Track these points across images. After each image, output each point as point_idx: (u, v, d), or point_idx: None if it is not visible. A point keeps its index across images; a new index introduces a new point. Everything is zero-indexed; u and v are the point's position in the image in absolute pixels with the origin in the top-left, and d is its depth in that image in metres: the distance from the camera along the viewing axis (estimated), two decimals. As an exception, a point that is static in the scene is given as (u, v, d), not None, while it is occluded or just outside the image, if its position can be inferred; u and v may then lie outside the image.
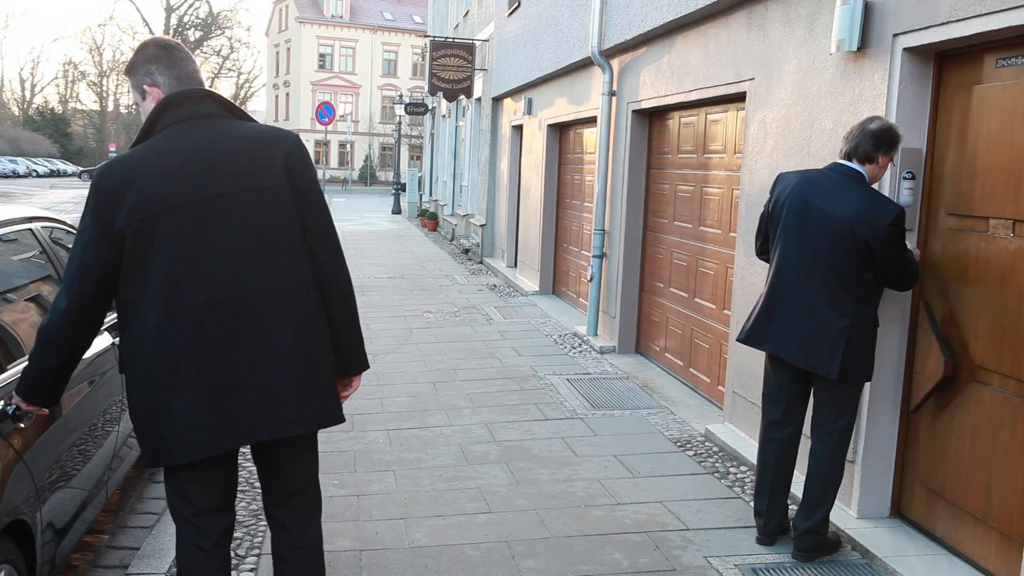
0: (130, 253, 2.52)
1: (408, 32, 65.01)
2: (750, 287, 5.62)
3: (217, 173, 2.56)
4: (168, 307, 2.52)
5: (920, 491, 4.30)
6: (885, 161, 3.93)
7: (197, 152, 2.57)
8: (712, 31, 6.38)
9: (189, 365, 2.54)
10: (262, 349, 2.58)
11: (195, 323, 2.53)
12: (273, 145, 2.66)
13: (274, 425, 2.62)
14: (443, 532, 4.30)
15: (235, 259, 2.56)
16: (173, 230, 2.51)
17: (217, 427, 2.58)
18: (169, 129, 2.61)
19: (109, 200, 2.51)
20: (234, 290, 2.56)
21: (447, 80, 16.64)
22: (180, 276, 2.52)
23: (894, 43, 4.21)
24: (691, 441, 5.81)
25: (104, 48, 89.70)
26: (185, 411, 2.55)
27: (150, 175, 2.52)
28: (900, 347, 4.33)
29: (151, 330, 2.54)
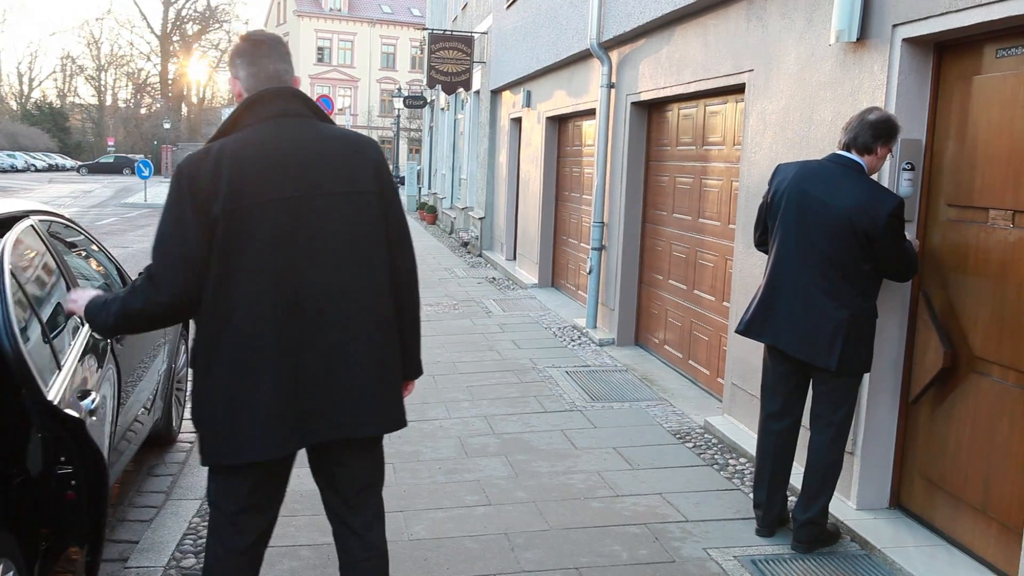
0: (219, 243, 2.49)
1: (406, 25, 64.93)
2: (749, 279, 5.62)
3: (315, 172, 2.58)
4: (257, 301, 2.52)
5: (919, 482, 4.30)
6: (884, 152, 3.92)
7: (295, 149, 2.58)
8: (711, 22, 6.37)
9: (274, 360, 2.53)
10: (345, 349, 2.60)
11: (283, 319, 2.54)
12: (364, 151, 2.70)
13: (352, 424, 2.64)
14: (442, 524, 4.31)
15: (325, 259, 2.58)
16: (267, 224, 2.51)
17: (297, 424, 2.58)
18: (262, 124, 2.59)
19: (206, 187, 2.48)
20: (322, 289, 2.57)
21: (446, 73, 16.61)
22: (270, 271, 2.52)
23: (893, 34, 4.20)
24: (690, 433, 5.81)
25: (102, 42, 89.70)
26: (267, 407, 2.53)
27: (247, 166, 2.52)
28: (900, 338, 4.33)
29: (237, 323, 2.52)
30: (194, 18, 71.81)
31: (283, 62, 2.70)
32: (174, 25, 70.14)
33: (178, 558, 3.90)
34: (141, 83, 73.23)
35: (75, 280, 3.88)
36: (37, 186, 38.65)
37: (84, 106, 73.63)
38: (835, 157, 3.99)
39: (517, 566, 3.90)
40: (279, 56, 2.70)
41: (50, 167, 57.61)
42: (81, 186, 40.09)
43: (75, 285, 3.73)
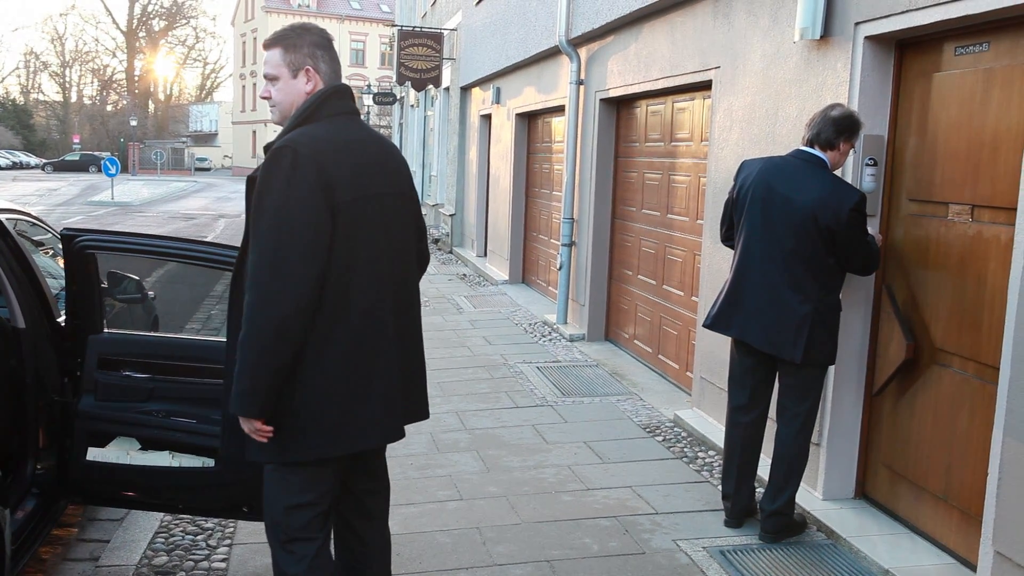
0: (342, 231, 2.51)
1: (376, 21, 64.67)
2: (717, 274, 5.68)
3: (396, 173, 2.75)
4: (375, 291, 2.61)
5: (883, 472, 4.38)
6: (846, 148, 3.99)
7: (378, 148, 2.72)
8: (678, 20, 6.43)
9: (392, 348, 2.67)
10: (420, 339, 2.86)
11: (393, 308, 2.68)
12: (399, 154, 2.87)
13: (422, 411, 2.88)
14: (414, 519, 4.33)
15: (405, 254, 2.78)
16: (379, 215, 2.63)
17: (405, 410, 2.76)
18: (337, 118, 2.66)
19: (331, 168, 2.49)
20: (408, 282, 2.79)
21: (415, 70, 16.59)
22: (382, 262, 2.63)
23: (856, 31, 4.27)
24: (660, 427, 5.87)
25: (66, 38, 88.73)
26: (386, 393, 2.65)
27: (356, 158, 2.60)
28: (863, 331, 4.41)
29: (358, 311, 2.57)
30: (160, 14, 71.05)
31: (337, 64, 2.80)
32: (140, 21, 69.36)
33: (150, 556, 3.90)
34: (107, 80, 72.39)
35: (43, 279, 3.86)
36: (1, 184, 38.13)
37: (49, 103, 72.65)
38: (799, 153, 4.05)
39: (489, 559, 3.93)
40: (334, 57, 2.79)
41: (14, 165, 56.79)
42: (46, 184, 39.59)
43: (43, 284, 3.71)
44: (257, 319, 2.42)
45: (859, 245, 3.87)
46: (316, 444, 2.58)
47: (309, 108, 2.61)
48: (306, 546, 2.68)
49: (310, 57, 2.68)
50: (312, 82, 2.68)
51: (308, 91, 2.68)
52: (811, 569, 3.90)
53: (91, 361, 3.51)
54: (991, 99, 3.67)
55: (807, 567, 3.91)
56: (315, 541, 2.70)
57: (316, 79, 2.68)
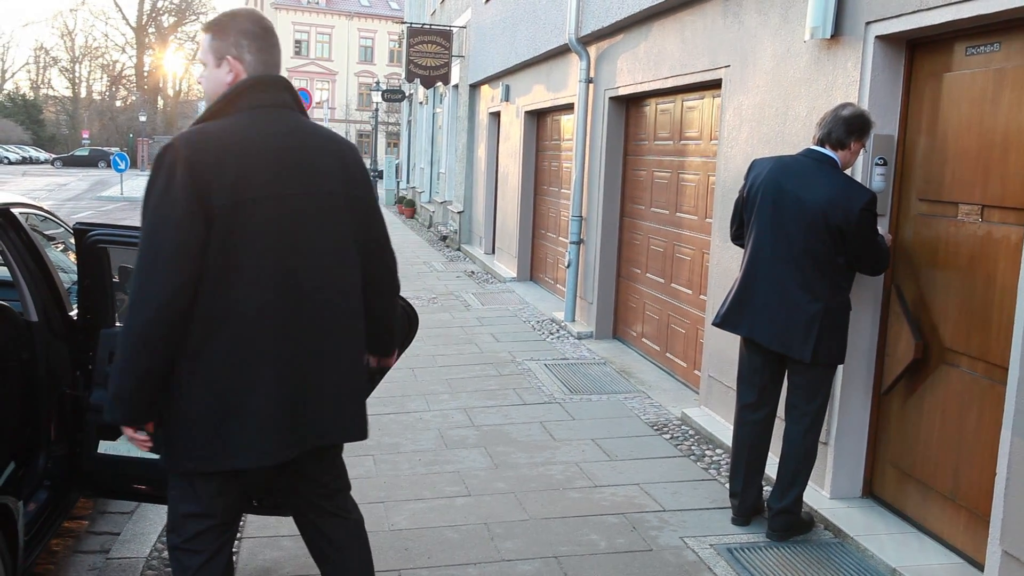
0: (219, 234, 2.33)
1: (384, 18, 64.74)
2: (726, 272, 5.69)
3: (314, 170, 2.52)
4: (258, 300, 2.39)
5: (891, 471, 4.38)
6: (857, 147, 4.00)
7: (296, 144, 2.50)
8: (688, 18, 6.43)
9: (276, 363, 2.42)
10: (335, 354, 2.55)
11: (284, 319, 2.44)
12: (352, 152, 2.68)
13: (337, 432, 2.62)
14: (423, 515, 4.35)
15: (321, 262, 2.51)
16: (273, 219, 2.40)
17: (291, 431, 2.47)
18: (254, 111, 2.47)
19: (206, 173, 2.32)
20: (319, 293, 2.50)
21: (424, 67, 16.61)
22: (272, 270, 2.41)
23: (867, 31, 4.27)
24: (667, 425, 5.88)
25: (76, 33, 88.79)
26: (263, 411, 2.40)
27: (252, 157, 2.40)
28: (872, 330, 4.41)
29: (235, 322, 2.37)
30: (170, 10, 71.27)
31: (276, 53, 2.62)
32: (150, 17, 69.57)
33: (160, 549, 3.92)
34: (116, 75, 72.60)
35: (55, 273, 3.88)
36: (11, 179, 38.25)
37: (58, 98, 72.91)
38: (809, 152, 4.06)
39: (497, 555, 3.95)
40: (273, 46, 2.60)
41: (24, 160, 57.01)
42: (56, 179, 39.73)
43: (56, 278, 3.73)
44: (127, 323, 2.35)
45: (869, 245, 3.88)
46: (188, 458, 2.44)
47: (222, 101, 2.47)
48: (190, 557, 2.55)
49: (235, 46, 2.53)
50: (233, 72, 2.53)
51: (228, 82, 2.53)
52: (818, 568, 3.90)
53: (103, 355, 3.53)
54: (1002, 99, 3.67)
55: (814, 566, 3.92)
56: (200, 554, 2.55)
57: (238, 69, 2.53)
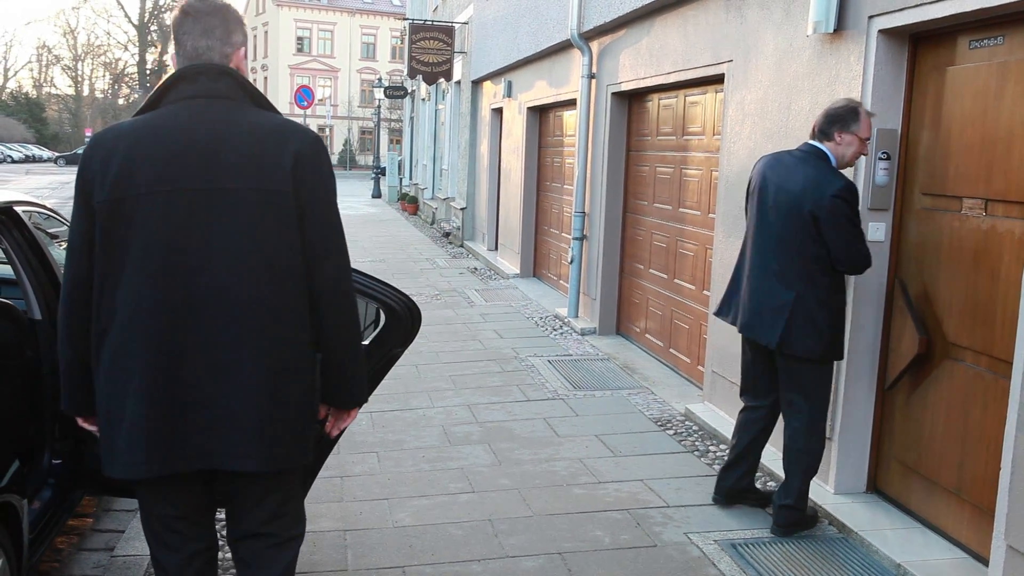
0: (104, 233, 2.26)
1: (386, 15, 64.69)
2: (729, 268, 5.66)
3: (218, 163, 2.25)
4: (140, 301, 2.24)
5: (896, 467, 4.37)
6: (845, 139, 3.95)
7: (203, 136, 2.27)
8: (690, 13, 6.41)
9: (149, 370, 2.24)
10: (231, 370, 2.26)
11: (165, 324, 2.24)
12: (285, 143, 2.30)
13: (226, 456, 2.28)
14: (427, 512, 4.35)
15: (220, 264, 2.25)
16: (159, 217, 2.23)
17: (165, 446, 2.26)
18: (176, 104, 2.32)
19: (94, 170, 2.26)
20: (214, 298, 2.25)
21: (426, 63, 16.58)
22: (157, 271, 2.24)
23: (869, 25, 4.26)
24: (671, 420, 5.88)
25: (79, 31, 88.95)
26: (134, 421, 2.25)
27: (144, 151, 2.26)
28: (876, 325, 4.40)
29: (118, 323, 2.26)
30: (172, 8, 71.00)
31: (206, 38, 2.37)
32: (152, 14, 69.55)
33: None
34: (119, 73, 72.63)
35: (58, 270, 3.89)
36: (14, 177, 38.26)
37: (61, 96, 72.93)
38: (803, 145, 4.08)
39: (501, 551, 3.95)
40: (202, 31, 2.37)
41: (27, 158, 56.99)
42: (59, 177, 39.70)
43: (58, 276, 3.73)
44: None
45: (841, 235, 3.84)
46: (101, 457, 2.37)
47: (147, 100, 2.38)
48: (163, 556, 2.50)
49: (174, 41, 2.41)
50: (174, 67, 2.41)
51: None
52: (822, 563, 3.90)
53: None
54: (1005, 93, 3.66)
55: (818, 561, 3.92)
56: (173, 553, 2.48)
57: (175, 63, 2.41)
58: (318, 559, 3.84)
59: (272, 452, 2.31)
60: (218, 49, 2.38)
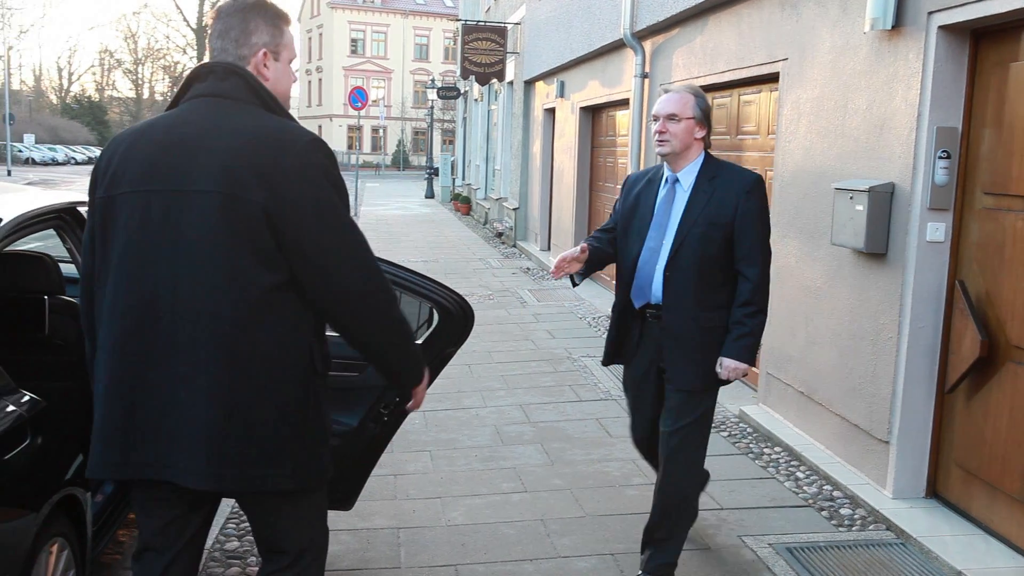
0: (99, 230, 2.27)
1: (439, 16, 65.03)
2: (784, 268, 5.61)
3: (197, 166, 2.17)
4: (116, 301, 2.22)
5: (956, 471, 4.29)
6: None
7: (190, 136, 2.21)
8: (745, 12, 6.35)
9: (115, 371, 2.21)
10: (187, 379, 2.17)
11: (133, 328, 2.20)
12: (274, 150, 2.18)
13: (183, 470, 2.18)
14: (479, 511, 4.37)
15: (184, 271, 2.17)
16: (137, 217, 2.20)
17: (122, 450, 2.21)
18: (186, 103, 2.30)
19: (100, 168, 2.30)
20: (176, 305, 2.17)
21: (479, 64, 16.64)
22: (132, 271, 2.20)
23: (929, 21, 4.18)
24: (725, 422, 5.83)
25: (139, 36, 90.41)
26: (100, 421, 2.23)
27: (137, 150, 2.24)
28: (935, 327, 4.32)
29: (102, 321, 2.27)
30: (229, 11, 72.29)
31: (221, 39, 2.35)
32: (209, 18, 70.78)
33: (221, 541, 4.00)
34: (177, 76, 73.90)
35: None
36: (77, 179, 39.15)
37: (122, 99, 74.49)
38: None
39: (554, 551, 3.95)
40: (220, 32, 2.36)
41: (89, 160, 58.26)
42: (120, 179, 40.56)
43: None
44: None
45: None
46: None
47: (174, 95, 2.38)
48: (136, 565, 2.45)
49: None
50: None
51: None
52: (880, 569, 3.84)
53: None
54: (1072, 89, 3.57)
55: (876, 567, 3.86)
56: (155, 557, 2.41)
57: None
58: (371, 556, 3.88)
59: (220, 472, 2.17)
60: (232, 51, 2.33)
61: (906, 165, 4.32)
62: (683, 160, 3.56)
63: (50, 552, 2.67)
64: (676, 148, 3.52)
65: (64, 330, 3.69)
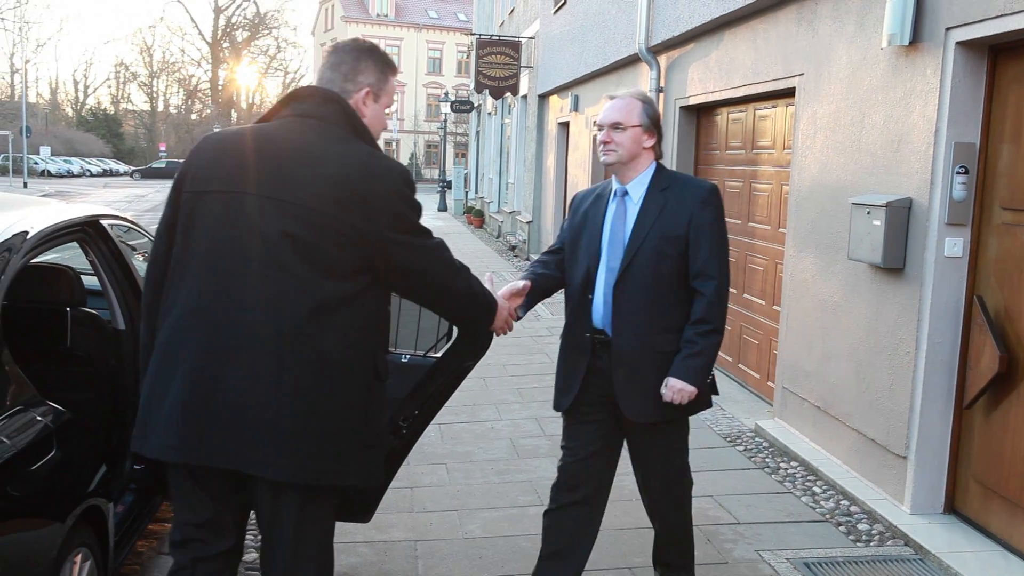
0: (185, 222, 2.41)
1: (452, 30, 65.33)
2: (800, 283, 5.62)
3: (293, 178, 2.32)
4: (200, 295, 2.35)
5: (975, 487, 4.28)
6: None
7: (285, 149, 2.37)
8: (760, 27, 6.38)
9: (195, 362, 2.32)
10: (266, 376, 2.29)
11: (217, 324, 2.32)
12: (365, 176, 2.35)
13: (250, 460, 2.31)
14: (496, 524, 4.37)
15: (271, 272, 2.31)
16: (219, 214, 2.36)
17: (195, 436, 2.31)
18: (281, 119, 2.47)
19: (189, 164, 2.47)
20: (247, 302, 2.31)
21: (493, 78, 16.72)
22: (218, 265, 2.35)
23: (947, 37, 4.19)
24: (741, 436, 5.82)
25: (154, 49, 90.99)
26: (175, 404, 2.32)
27: (228, 154, 2.42)
28: (953, 342, 4.31)
29: (179, 309, 2.38)
30: (244, 25, 72.91)
31: (331, 71, 2.53)
32: (224, 32, 71.28)
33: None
34: (192, 89, 74.52)
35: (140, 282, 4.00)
36: (93, 191, 39.45)
37: (137, 112, 74.99)
38: None
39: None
40: (331, 64, 2.55)
41: (104, 172, 58.73)
42: (135, 191, 40.81)
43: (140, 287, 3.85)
44: None
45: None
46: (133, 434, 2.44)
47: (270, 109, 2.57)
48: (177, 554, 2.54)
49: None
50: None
51: None
52: (898, 584, 3.83)
53: None
54: (1091, 105, 3.58)
55: (894, 582, 3.85)
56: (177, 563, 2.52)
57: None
58: (389, 568, 3.89)
59: (296, 463, 2.31)
60: (339, 83, 2.52)
61: (924, 180, 4.33)
62: (631, 171, 3.31)
63: (74, 562, 2.69)
64: (622, 158, 3.28)
65: (85, 342, 3.73)
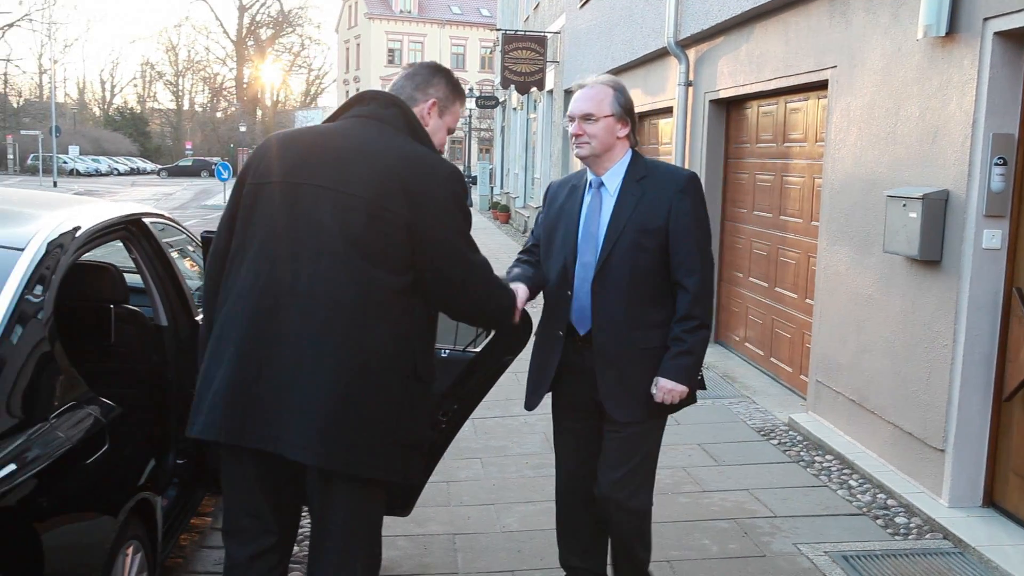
0: (244, 212, 2.52)
1: (476, 26, 65.35)
2: (833, 276, 5.60)
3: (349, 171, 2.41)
4: (255, 280, 2.43)
5: (1014, 480, 4.25)
6: None
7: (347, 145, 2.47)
8: (792, 19, 6.35)
9: (243, 346, 2.40)
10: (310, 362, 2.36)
11: (267, 308, 2.40)
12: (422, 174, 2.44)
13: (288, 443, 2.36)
14: (533, 517, 4.40)
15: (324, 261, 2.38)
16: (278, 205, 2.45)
17: (239, 417, 2.39)
18: (344, 120, 2.59)
19: (255, 157, 2.57)
20: (309, 292, 2.38)
21: (519, 73, 16.73)
22: (273, 253, 2.43)
23: (984, 27, 4.17)
24: (775, 430, 5.82)
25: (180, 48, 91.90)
26: (221, 386, 2.40)
27: (291, 149, 2.52)
28: (992, 335, 4.29)
29: (235, 295, 2.46)
30: (268, 23, 73.34)
31: (405, 80, 2.71)
32: (249, 30, 71.69)
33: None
34: (217, 87, 75.07)
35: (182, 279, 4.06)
36: (121, 189, 39.84)
37: (163, 111, 75.64)
38: None
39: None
40: (407, 75, 2.73)
41: (132, 171, 59.27)
42: (162, 189, 41.20)
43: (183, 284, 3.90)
44: None
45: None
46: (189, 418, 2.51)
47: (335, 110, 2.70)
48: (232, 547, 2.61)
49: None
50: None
51: None
52: (938, 577, 3.82)
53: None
54: None
55: None
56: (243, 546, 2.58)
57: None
58: (429, 561, 3.93)
59: (333, 451, 2.35)
60: (408, 91, 2.67)
61: (961, 172, 4.30)
62: (606, 162, 3.16)
63: (127, 554, 2.74)
64: (596, 150, 3.13)
65: (128, 338, 3.79)
